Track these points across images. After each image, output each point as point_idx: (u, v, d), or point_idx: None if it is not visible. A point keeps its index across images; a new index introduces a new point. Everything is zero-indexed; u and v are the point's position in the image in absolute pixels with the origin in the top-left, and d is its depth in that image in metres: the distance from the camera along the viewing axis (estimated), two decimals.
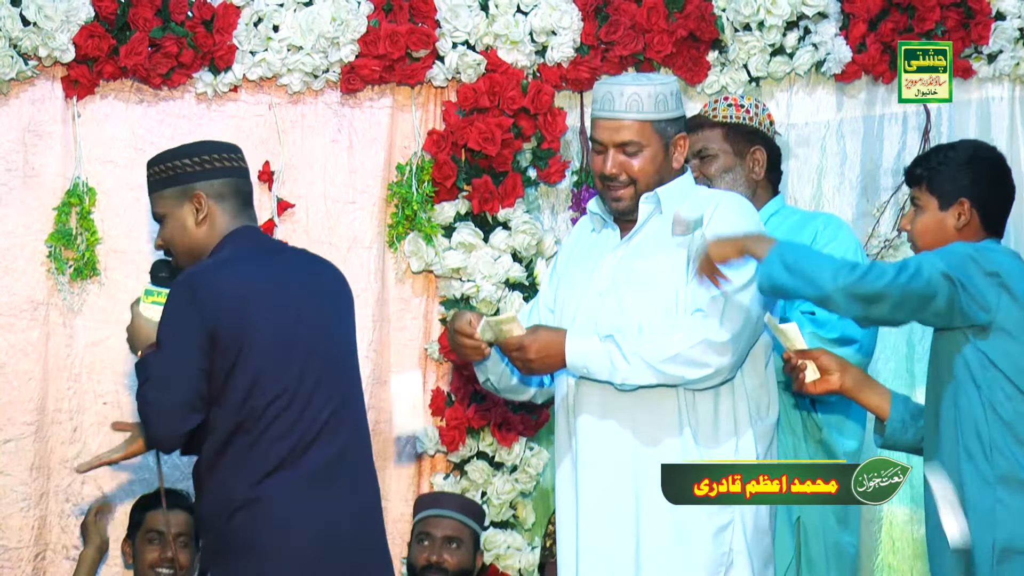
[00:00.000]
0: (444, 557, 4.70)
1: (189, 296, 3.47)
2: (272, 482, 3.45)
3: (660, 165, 3.73)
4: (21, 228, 4.91)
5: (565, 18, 4.93)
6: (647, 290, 3.70)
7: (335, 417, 3.54)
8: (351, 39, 4.88)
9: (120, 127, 4.98)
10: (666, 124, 3.73)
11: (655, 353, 3.56)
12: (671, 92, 3.77)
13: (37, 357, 4.92)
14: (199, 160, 3.65)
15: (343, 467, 3.55)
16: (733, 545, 3.64)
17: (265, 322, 3.51)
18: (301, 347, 3.55)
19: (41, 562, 4.94)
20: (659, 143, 3.73)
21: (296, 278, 3.64)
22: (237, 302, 3.51)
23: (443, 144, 4.96)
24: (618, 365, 3.57)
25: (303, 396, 3.51)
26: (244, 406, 3.45)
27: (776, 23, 4.97)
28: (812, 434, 4.22)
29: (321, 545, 3.49)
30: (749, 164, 4.26)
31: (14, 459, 4.90)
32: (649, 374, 3.57)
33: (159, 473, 4.01)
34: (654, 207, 3.73)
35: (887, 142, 5.16)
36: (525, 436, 4.97)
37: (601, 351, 3.59)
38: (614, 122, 3.71)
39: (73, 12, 4.78)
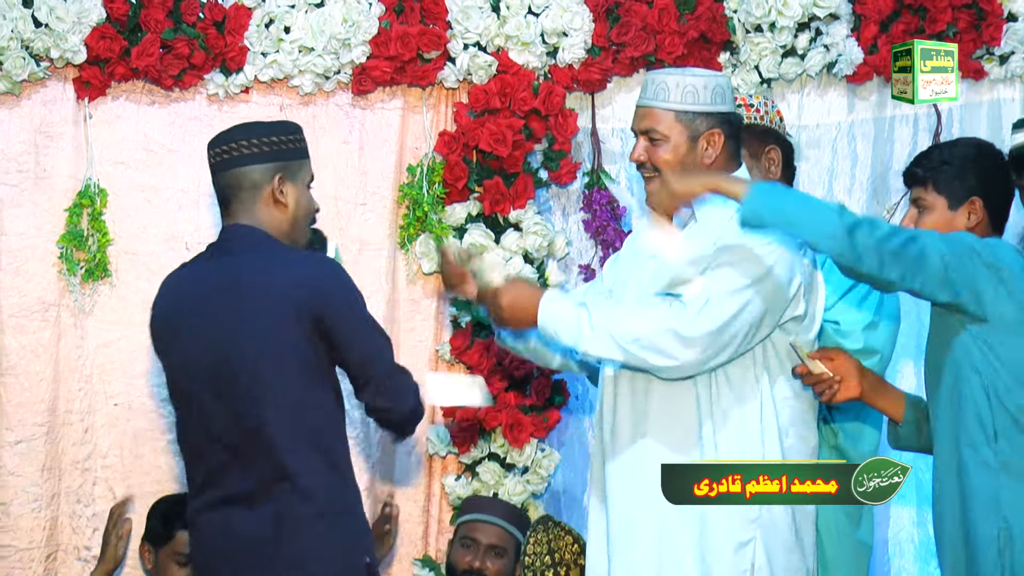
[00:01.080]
0: (487, 564, 4.66)
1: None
2: (195, 504, 3.59)
3: (684, 158, 3.67)
4: (32, 229, 4.93)
5: (576, 19, 4.93)
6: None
7: (244, 448, 3.52)
8: (362, 40, 4.89)
9: (131, 128, 5.00)
10: (694, 116, 3.66)
11: (621, 330, 3.52)
12: (705, 85, 3.69)
13: (48, 358, 4.94)
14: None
15: (260, 498, 3.52)
16: (755, 561, 3.60)
17: (175, 345, 3.60)
18: (199, 375, 3.57)
19: (52, 563, 4.95)
20: (684, 135, 3.67)
21: (218, 297, 3.61)
22: (159, 319, 3.69)
23: (454, 145, 4.97)
24: (584, 331, 3.53)
25: (203, 427, 3.55)
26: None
27: (787, 24, 4.96)
28: (827, 440, 4.21)
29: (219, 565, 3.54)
30: (765, 164, 4.21)
31: (25, 460, 4.92)
32: (613, 348, 3.53)
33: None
34: (690, 214, 3.68)
35: (898, 144, 5.15)
36: (537, 437, 4.96)
37: (572, 315, 3.55)
38: (642, 109, 3.69)
39: (85, 14, 4.80)
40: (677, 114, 3.62)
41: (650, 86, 3.67)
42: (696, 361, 3.49)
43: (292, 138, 3.69)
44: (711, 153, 3.65)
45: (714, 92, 3.64)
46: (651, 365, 3.51)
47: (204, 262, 3.68)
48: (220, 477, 3.53)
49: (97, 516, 4.92)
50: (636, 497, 3.60)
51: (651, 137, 3.64)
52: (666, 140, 3.63)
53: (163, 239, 5.01)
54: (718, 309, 3.49)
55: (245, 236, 3.65)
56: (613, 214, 5.05)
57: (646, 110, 3.65)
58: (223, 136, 3.69)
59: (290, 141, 3.68)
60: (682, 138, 3.64)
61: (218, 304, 3.57)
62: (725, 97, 3.68)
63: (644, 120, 3.65)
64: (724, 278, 3.51)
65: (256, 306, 3.53)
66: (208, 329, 3.56)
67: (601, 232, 5.04)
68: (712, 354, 3.50)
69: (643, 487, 3.57)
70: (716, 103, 3.64)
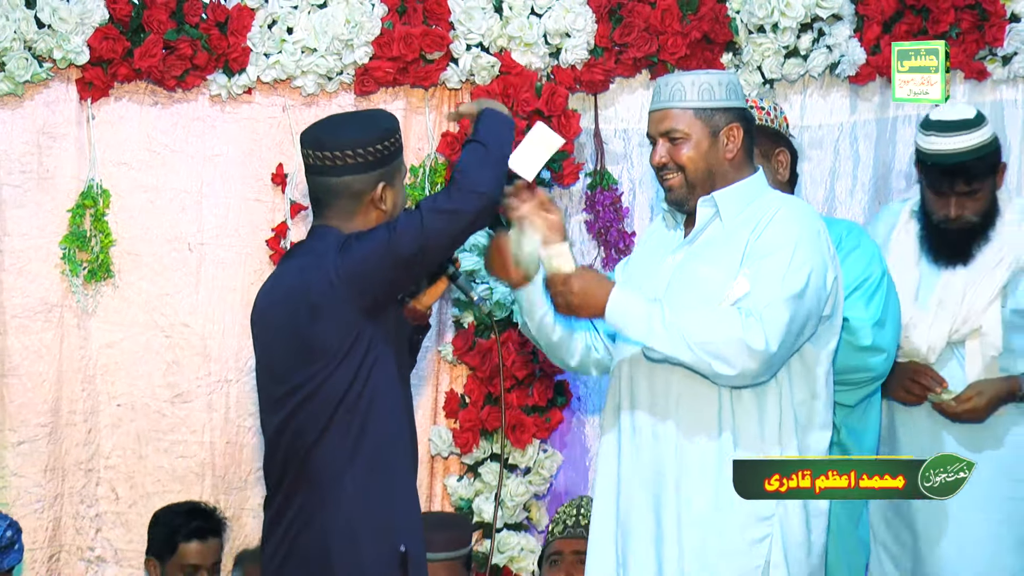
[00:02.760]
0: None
1: None
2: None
3: (707, 153, 3.70)
4: (35, 230, 4.94)
5: (579, 20, 4.92)
6: (699, 298, 3.69)
7: (269, 449, 3.55)
8: (365, 41, 4.89)
9: (134, 129, 5.01)
10: (713, 112, 3.71)
11: (693, 331, 3.54)
12: (719, 82, 3.74)
13: (51, 359, 4.96)
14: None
15: (278, 504, 3.55)
16: (771, 558, 3.64)
17: (255, 345, 3.62)
18: (260, 372, 3.61)
19: (56, 563, 4.98)
20: (704, 131, 3.71)
21: (271, 300, 3.62)
22: (251, 320, 3.67)
23: (456, 146, 4.95)
24: (655, 329, 3.55)
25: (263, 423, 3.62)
26: None
27: (790, 25, 4.95)
28: (831, 437, 4.10)
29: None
30: (775, 165, 4.24)
31: (28, 461, 4.93)
32: (682, 348, 3.55)
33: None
34: (713, 212, 3.71)
35: (900, 145, 5.14)
36: (539, 438, 4.98)
37: (643, 311, 3.57)
38: (659, 112, 3.72)
39: (87, 14, 4.81)
40: (696, 112, 3.67)
41: (664, 89, 3.71)
42: (757, 371, 3.55)
43: (394, 139, 3.60)
44: (732, 147, 3.69)
45: (728, 88, 3.70)
46: (714, 371, 3.55)
47: (286, 262, 3.66)
48: (268, 469, 3.57)
49: (100, 517, 4.98)
50: (652, 483, 3.63)
51: (672, 137, 3.67)
52: (688, 138, 3.66)
53: (166, 240, 5.02)
54: (783, 321, 3.53)
55: (314, 241, 3.61)
56: (616, 215, 5.05)
57: (663, 112, 3.69)
58: (325, 139, 3.57)
59: (392, 143, 3.60)
60: (703, 134, 3.68)
61: (271, 308, 3.56)
62: (739, 93, 3.73)
63: (663, 122, 3.69)
64: (779, 289, 3.54)
65: (284, 311, 3.51)
66: (263, 332, 3.57)
67: (604, 233, 5.05)
68: (774, 363, 3.57)
69: (669, 467, 3.60)
70: (732, 99, 3.70)
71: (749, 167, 3.73)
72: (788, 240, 3.59)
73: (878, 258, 4.36)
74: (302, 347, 3.49)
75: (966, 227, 4.36)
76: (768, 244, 3.61)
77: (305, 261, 3.55)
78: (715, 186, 3.71)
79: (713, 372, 3.55)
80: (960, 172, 4.30)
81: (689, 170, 3.66)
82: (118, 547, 5.00)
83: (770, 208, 3.67)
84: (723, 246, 3.65)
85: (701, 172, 3.67)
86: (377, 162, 3.54)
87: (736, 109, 3.71)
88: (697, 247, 3.70)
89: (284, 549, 3.55)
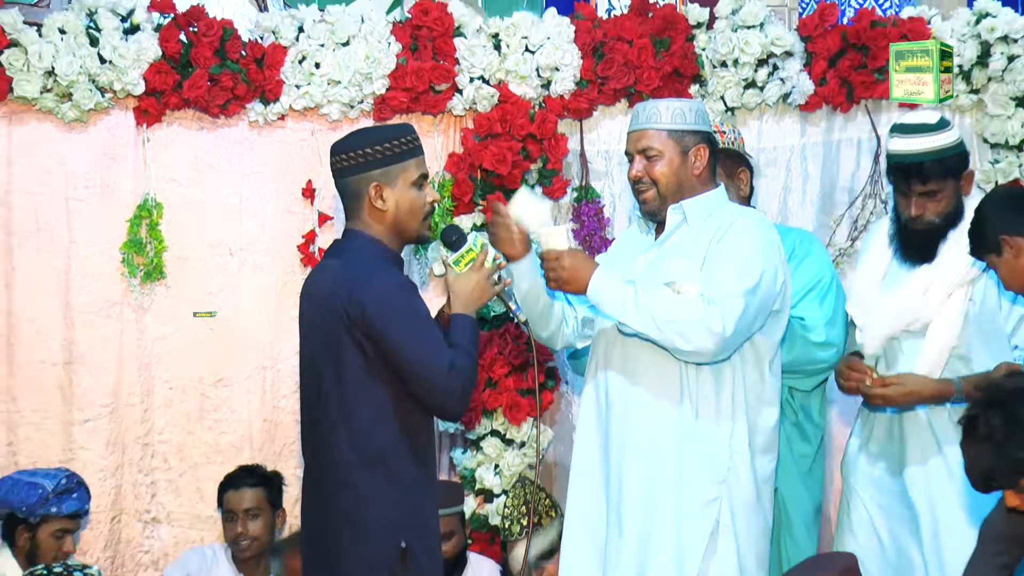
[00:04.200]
0: (446, 548, 4.58)
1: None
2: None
3: (678, 170, 3.84)
4: (99, 238, 5.17)
5: (567, 56, 5.18)
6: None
7: (304, 433, 3.67)
8: (382, 74, 5.12)
9: (184, 150, 5.21)
10: (683, 134, 3.84)
11: (661, 312, 3.68)
12: (690, 108, 3.88)
13: (112, 349, 5.18)
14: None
15: (306, 483, 3.64)
16: (720, 519, 3.78)
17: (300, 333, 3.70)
18: (302, 363, 3.66)
19: (117, 524, 5.21)
20: (676, 150, 3.84)
21: (306, 297, 3.64)
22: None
23: (461, 165, 5.21)
24: (628, 307, 3.69)
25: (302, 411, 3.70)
26: None
27: (749, 60, 5.21)
28: (788, 417, 4.54)
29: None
30: (737, 183, 4.45)
31: (93, 436, 5.17)
32: (651, 325, 3.68)
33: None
34: (681, 218, 3.87)
35: (843, 164, 5.36)
36: (532, 417, 5.17)
37: (619, 291, 3.71)
38: (636, 132, 3.88)
39: (143, 51, 5.04)
40: (670, 132, 3.85)
41: (642, 113, 3.89)
42: (715, 351, 3.70)
43: (395, 143, 3.56)
44: (699, 165, 3.86)
45: (697, 114, 3.90)
46: (676, 347, 3.70)
47: (325, 260, 3.66)
48: (305, 451, 3.66)
49: (155, 484, 5.21)
50: (629, 441, 3.82)
51: (647, 155, 3.85)
52: (661, 155, 3.84)
53: (210, 245, 5.23)
54: (741, 309, 3.69)
55: (341, 242, 3.65)
56: (599, 224, 5.27)
57: (641, 133, 3.87)
58: (335, 146, 3.62)
59: (392, 147, 3.56)
60: (675, 152, 3.85)
61: (310, 302, 3.61)
62: (706, 119, 3.93)
63: (640, 141, 3.86)
64: (736, 283, 3.71)
65: (316, 309, 3.56)
66: (303, 324, 3.64)
67: (588, 239, 5.25)
68: (725, 348, 3.73)
69: (635, 429, 3.81)
70: (700, 124, 3.89)
71: (712, 182, 3.92)
72: (745, 244, 3.77)
73: (828, 263, 4.54)
74: (329, 347, 3.52)
75: (929, 227, 4.26)
76: (728, 246, 3.77)
77: (343, 266, 3.54)
78: (683, 198, 3.86)
79: (676, 348, 3.70)
80: (916, 172, 4.21)
81: (661, 184, 3.84)
82: (170, 510, 5.22)
83: (730, 217, 3.85)
84: (689, 247, 3.83)
85: (672, 186, 3.85)
86: (369, 164, 3.55)
87: (703, 132, 3.89)
88: (666, 248, 3.89)
89: (308, 524, 3.64)
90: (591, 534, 3.95)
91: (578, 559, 3.97)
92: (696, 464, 3.79)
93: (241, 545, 4.92)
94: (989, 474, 3.34)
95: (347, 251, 3.60)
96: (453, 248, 3.66)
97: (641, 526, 3.80)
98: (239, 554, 4.94)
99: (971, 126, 5.33)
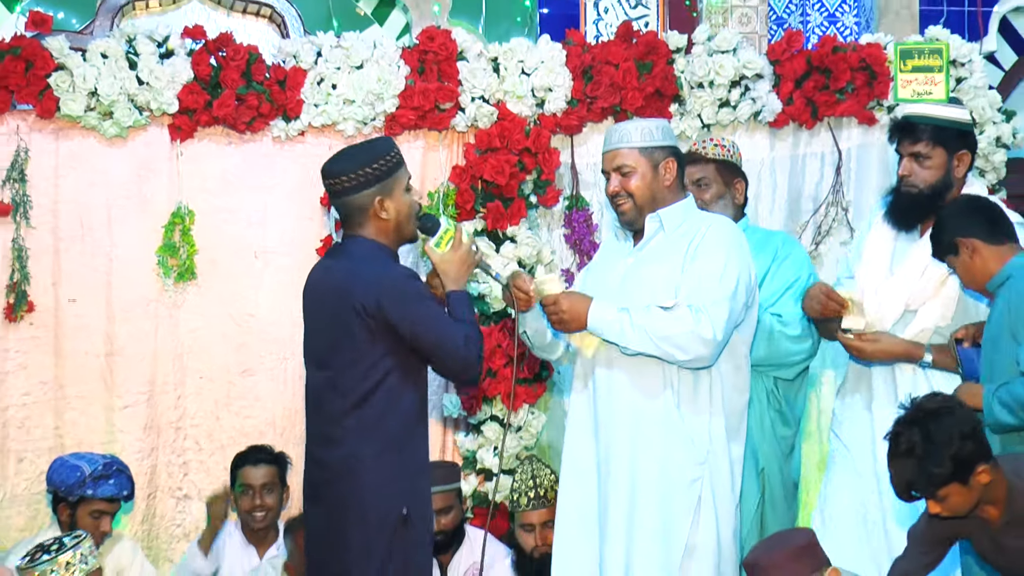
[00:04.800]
0: (443, 521, 4.87)
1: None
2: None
3: (650, 182, 3.97)
4: (137, 242, 5.35)
5: (559, 78, 5.39)
6: (648, 292, 3.95)
7: (312, 419, 3.86)
8: (393, 95, 5.31)
9: (213, 164, 5.38)
10: (653, 150, 3.96)
11: (656, 330, 3.81)
12: (657, 127, 4.02)
13: (148, 342, 5.37)
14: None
15: (313, 466, 3.82)
16: (702, 495, 3.94)
17: (305, 321, 3.87)
18: (308, 350, 3.82)
19: (153, 500, 5.42)
20: (648, 165, 3.97)
21: (319, 293, 3.80)
22: (303, 301, 3.88)
23: (464, 176, 5.39)
24: (626, 331, 3.83)
25: (307, 389, 3.87)
26: None
27: (723, 82, 5.42)
28: (773, 404, 4.62)
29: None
30: (734, 192, 4.60)
31: (131, 421, 5.36)
32: (649, 344, 3.82)
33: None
34: (658, 226, 3.99)
35: (808, 175, 5.54)
36: (528, 403, 5.36)
37: (616, 319, 3.86)
38: (611, 152, 4.03)
39: (177, 74, 5.26)
40: (641, 150, 3.99)
41: (614, 134, 4.04)
42: (710, 355, 3.86)
43: (385, 159, 3.72)
44: (668, 176, 4.01)
45: (664, 131, 4.06)
46: (677, 359, 3.85)
47: (327, 260, 3.87)
48: (309, 429, 3.86)
49: (186, 464, 5.40)
50: (615, 426, 3.98)
51: (622, 172, 3.99)
52: (635, 171, 3.99)
53: (237, 249, 5.42)
54: (727, 313, 3.84)
55: (343, 245, 3.82)
56: (588, 229, 5.47)
57: (614, 152, 4.03)
58: (330, 168, 3.77)
59: (384, 163, 3.71)
60: (647, 167, 4.00)
61: (317, 299, 3.80)
62: (672, 136, 4.08)
63: (615, 160, 4.02)
64: (719, 290, 3.85)
65: (325, 306, 3.75)
66: (312, 317, 3.82)
67: (579, 243, 5.46)
68: (718, 352, 3.87)
69: (620, 414, 3.96)
70: (667, 140, 4.05)
71: (682, 192, 4.06)
72: (721, 251, 3.93)
73: (807, 264, 4.65)
74: (337, 340, 3.68)
75: (913, 191, 4.25)
76: (705, 253, 3.91)
77: (350, 265, 3.70)
78: (656, 207, 4.00)
79: (675, 360, 3.85)
80: (909, 131, 4.22)
81: (637, 196, 3.99)
82: (201, 487, 5.40)
83: (703, 225, 4.00)
84: (666, 252, 3.99)
85: (646, 197, 4.00)
86: (370, 181, 3.70)
87: (671, 147, 4.03)
88: (645, 253, 4.04)
89: (312, 493, 3.81)
90: (582, 509, 4.10)
91: (572, 532, 4.12)
92: (679, 448, 3.95)
93: (256, 516, 5.11)
94: (910, 485, 3.57)
95: (350, 253, 3.78)
96: (431, 233, 3.82)
97: (628, 502, 3.96)
98: (253, 525, 5.14)
99: None
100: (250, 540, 5.24)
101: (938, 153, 4.22)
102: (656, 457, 3.97)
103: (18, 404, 5.37)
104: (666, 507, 3.96)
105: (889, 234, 4.40)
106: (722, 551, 4.03)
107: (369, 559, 3.70)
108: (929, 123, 4.21)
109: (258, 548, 5.26)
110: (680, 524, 3.96)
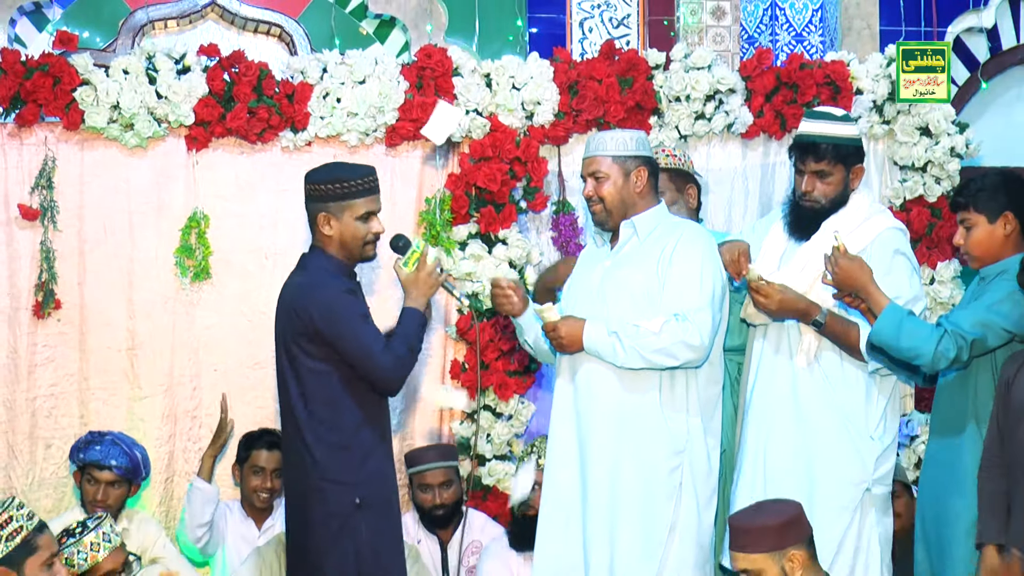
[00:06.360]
0: (444, 496, 5.19)
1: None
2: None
3: (621, 188, 4.16)
4: (156, 245, 5.53)
5: (547, 92, 5.60)
6: (626, 294, 4.14)
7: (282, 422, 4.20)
8: (393, 107, 5.50)
9: (227, 171, 5.55)
10: (625, 159, 4.15)
11: (646, 347, 4.00)
12: (631, 137, 4.19)
13: (167, 337, 5.54)
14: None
15: (286, 460, 4.15)
16: (683, 480, 4.11)
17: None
18: (277, 358, 4.09)
19: (170, 484, 5.61)
20: (620, 172, 4.16)
21: (279, 306, 4.11)
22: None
23: (459, 183, 5.58)
24: (619, 353, 4.03)
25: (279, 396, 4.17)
26: None
27: (699, 96, 5.63)
28: (735, 391, 4.70)
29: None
30: (686, 198, 4.81)
31: (150, 410, 5.53)
32: (640, 361, 4.02)
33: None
34: (632, 231, 4.17)
35: (777, 182, 5.73)
36: (518, 393, 5.59)
37: (608, 342, 4.05)
38: (588, 159, 4.24)
39: (193, 89, 5.44)
40: (614, 158, 4.19)
41: (592, 142, 4.25)
42: (698, 358, 4.05)
43: (346, 183, 3.94)
44: (639, 184, 4.18)
45: (637, 142, 4.25)
46: (666, 366, 4.03)
47: (295, 273, 4.13)
48: (282, 437, 4.20)
49: (202, 450, 5.45)
50: (594, 415, 4.16)
51: (596, 177, 4.19)
52: (608, 177, 4.18)
53: (249, 251, 5.59)
54: (711, 319, 4.01)
55: (307, 257, 4.06)
56: (574, 232, 5.66)
57: (591, 159, 4.24)
58: (306, 174, 4.06)
59: (342, 186, 3.94)
60: (619, 174, 4.18)
61: (279, 311, 4.12)
62: (646, 146, 4.25)
63: (591, 166, 4.22)
64: (700, 296, 4.04)
65: (279, 319, 4.09)
66: (276, 326, 4.13)
67: (565, 246, 5.64)
68: (706, 355, 4.06)
69: (600, 404, 4.15)
70: (639, 150, 4.23)
71: (654, 199, 4.23)
72: (696, 258, 4.11)
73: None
74: (288, 350, 3.99)
75: (815, 206, 4.31)
76: (681, 260, 4.08)
77: (298, 281, 3.99)
78: (627, 213, 4.18)
79: (665, 366, 4.03)
80: (812, 150, 4.25)
81: (608, 200, 4.19)
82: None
83: (676, 230, 4.18)
84: (640, 256, 4.17)
85: (616, 202, 4.19)
86: (320, 197, 3.91)
87: (643, 157, 4.21)
88: (621, 257, 4.22)
89: (288, 491, 4.19)
90: (565, 491, 4.27)
91: (555, 514, 4.31)
92: (660, 438, 4.14)
93: (262, 496, 5.31)
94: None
95: (305, 267, 4.05)
96: (401, 252, 4.06)
97: (608, 487, 4.15)
98: (258, 504, 5.33)
99: (883, 151, 5.73)
100: (249, 514, 5.41)
101: (838, 170, 4.31)
102: (636, 447, 4.14)
103: (46, 395, 5.53)
104: (648, 491, 4.13)
105: (783, 237, 4.49)
106: (702, 528, 4.20)
107: (334, 546, 3.99)
108: (830, 142, 4.28)
109: (256, 520, 5.43)
110: (663, 506, 4.14)
